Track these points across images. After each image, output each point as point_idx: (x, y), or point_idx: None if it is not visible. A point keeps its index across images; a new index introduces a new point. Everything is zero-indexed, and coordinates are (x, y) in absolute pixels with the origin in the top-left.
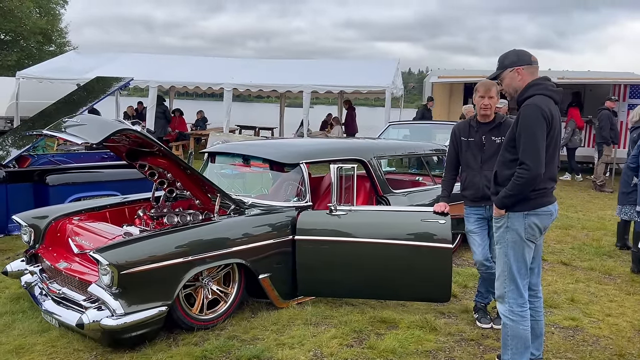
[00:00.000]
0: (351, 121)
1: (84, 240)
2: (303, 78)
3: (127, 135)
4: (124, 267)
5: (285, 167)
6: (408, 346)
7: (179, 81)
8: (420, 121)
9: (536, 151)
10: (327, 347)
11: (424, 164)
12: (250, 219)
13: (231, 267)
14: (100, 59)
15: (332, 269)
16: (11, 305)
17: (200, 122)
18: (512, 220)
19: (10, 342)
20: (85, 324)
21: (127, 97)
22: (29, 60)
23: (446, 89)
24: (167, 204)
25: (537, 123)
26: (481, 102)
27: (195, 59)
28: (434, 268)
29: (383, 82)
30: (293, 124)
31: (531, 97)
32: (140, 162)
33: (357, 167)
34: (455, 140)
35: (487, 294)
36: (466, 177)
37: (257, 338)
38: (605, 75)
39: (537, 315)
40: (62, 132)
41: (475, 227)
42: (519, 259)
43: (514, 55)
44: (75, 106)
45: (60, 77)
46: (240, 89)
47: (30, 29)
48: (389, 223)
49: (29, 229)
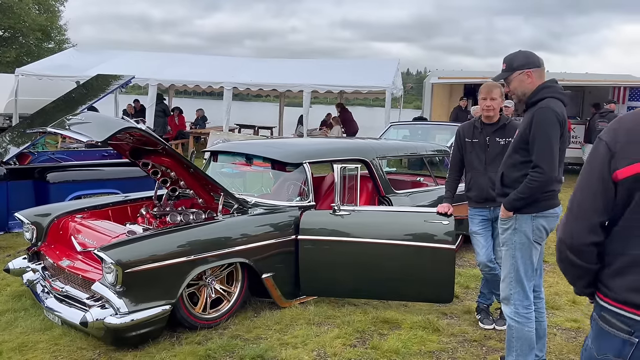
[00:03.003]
0: (350, 121)
1: (86, 238)
2: (303, 77)
3: (131, 134)
4: (129, 266)
5: (288, 166)
6: (411, 347)
7: (179, 79)
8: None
9: (551, 155)
10: (330, 347)
11: (426, 165)
12: (253, 218)
13: (234, 266)
14: (99, 57)
15: (335, 268)
16: (13, 302)
17: (200, 120)
18: (520, 222)
19: (13, 340)
20: (89, 322)
21: (125, 95)
22: (27, 57)
23: (446, 90)
24: (170, 203)
25: (553, 127)
26: (483, 104)
27: (195, 58)
28: (437, 269)
29: (383, 82)
30: (292, 123)
31: (543, 100)
32: (144, 160)
33: (360, 167)
34: (460, 141)
35: (489, 295)
36: (470, 178)
37: (260, 337)
38: (604, 78)
39: (539, 317)
40: (67, 130)
41: (479, 228)
42: (526, 261)
43: (522, 57)
44: (75, 104)
45: (59, 74)
46: (240, 87)
47: (29, 26)
48: (392, 223)
49: (31, 227)
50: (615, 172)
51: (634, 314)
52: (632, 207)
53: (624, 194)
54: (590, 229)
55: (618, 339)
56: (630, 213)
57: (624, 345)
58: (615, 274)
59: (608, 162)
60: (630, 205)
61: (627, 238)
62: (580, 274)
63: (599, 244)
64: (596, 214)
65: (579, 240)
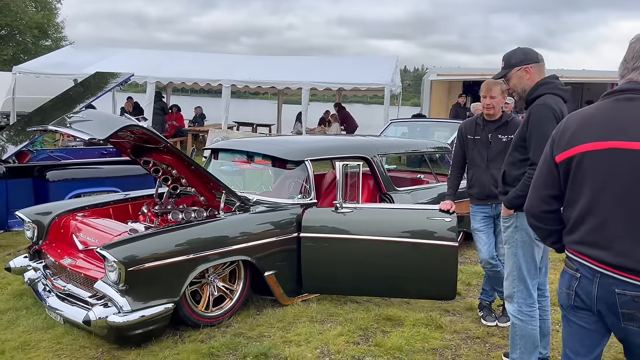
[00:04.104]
0: (349, 118)
1: (88, 236)
2: (302, 75)
3: (133, 131)
4: (131, 264)
5: (290, 164)
6: (414, 344)
7: (177, 77)
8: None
9: None
10: (333, 345)
11: (426, 162)
12: (255, 216)
13: (237, 264)
14: (97, 54)
15: (337, 266)
16: (14, 301)
17: (198, 118)
18: (521, 220)
19: (15, 339)
20: (92, 320)
21: (123, 93)
22: (25, 55)
23: (445, 87)
24: (171, 201)
25: (549, 123)
26: (484, 102)
27: (192, 55)
28: (440, 266)
29: (382, 79)
30: (290, 120)
31: (541, 97)
32: (145, 158)
33: (361, 164)
34: (462, 138)
35: (492, 292)
36: (473, 175)
37: (263, 335)
38: (603, 74)
39: (544, 315)
40: (69, 128)
41: (481, 226)
42: (528, 259)
43: (520, 53)
44: (73, 102)
45: (57, 72)
46: (239, 85)
47: (26, 24)
48: (395, 221)
49: (32, 225)
50: (555, 157)
51: (579, 257)
52: (570, 182)
53: (563, 173)
54: (541, 199)
55: (568, 275)
56: (570, 186)
57: (571, 280)
58: (568, 232)
59: (551, 149)
60: (568, 181)
61: (570, 205)
62: (544, 234)
63: (552, 212)
64: (546, 188)
65: (534, 208)
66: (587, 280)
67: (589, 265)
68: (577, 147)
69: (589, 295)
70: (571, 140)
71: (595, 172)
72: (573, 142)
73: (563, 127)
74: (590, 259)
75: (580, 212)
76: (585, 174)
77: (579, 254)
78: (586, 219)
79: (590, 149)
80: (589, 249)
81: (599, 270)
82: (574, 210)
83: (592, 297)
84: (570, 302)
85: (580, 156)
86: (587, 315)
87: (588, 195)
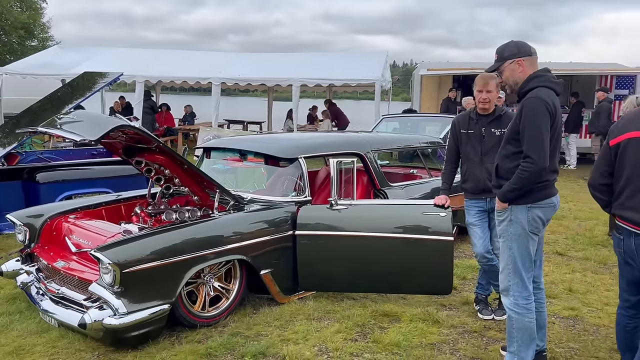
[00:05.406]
0: (341, 114)
1: (81, 238)
2: (292, 71)
3: (124, 132)
4: (126, 266)
5: (284, 162)
6: (412, 339)
7: (166, 76)
8: (419, 114)
9: (541, 144)
10: (331, 342)
11: (419, 157)
12: (249, 214)
13: (232, 263)
14: (84, 54)
15: (333, 263)
16: (7, 305)
17: (188, 117)
18: (515, 213)
19: (9, 344)
20: (87, 323)
21: (111, 93)
22: (10, 56)
23: (435, 82)
24: (164, 201)
25: (542, 116)
26: (480, 96)
27: (181, 53)
28: (436, 260)
29: (372, 75)
30: (281, 117)
31: (534, 90)
32: (137, 158)
33: (355, 160)
34: (455, 132)
35: (487, 286)
36: (466, 169)
37: (260, 334)
38: (591, 67)
39: (539, 307)
40: (59, 129)
41: (476, 220)
42: (523, 252)
43: (513, 46)
44: (62, 103)
45: (44, 72)
46: (229, 83)
47: (12, 24)
48: (390, 216)
49: (23, 228)
50: (609, 142)
51: (620, 222)
52: (617, 161)
53: (614, 154)
54: (600, 174)
55: (616, 238)
56: (617, 164)
57: (619, 241)
58: (615, 199)
59: (607, 137)
60: (617, 162)
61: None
62: (603, 203)
63: (607, 185)
64: (603, 166)
65: (594, 181)
66: (627, 240)
67: (627, 228)
68: (624, 135)
69: (631, 251)
70: (621, 129)
71: (633, 153)
72: (622, 131)
73: (617, 121)
74: (626, 221)
75: (622, 183)
76: (627, 154)
77: (620, 219)
78: (625, 189)
79: (632, 136)
80: (626, 210)
81: (633, 231)
82: (619, 182)
83: (632, 252)
84: (620, 258)
85: (625, 142)
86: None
87: (628, 172)
